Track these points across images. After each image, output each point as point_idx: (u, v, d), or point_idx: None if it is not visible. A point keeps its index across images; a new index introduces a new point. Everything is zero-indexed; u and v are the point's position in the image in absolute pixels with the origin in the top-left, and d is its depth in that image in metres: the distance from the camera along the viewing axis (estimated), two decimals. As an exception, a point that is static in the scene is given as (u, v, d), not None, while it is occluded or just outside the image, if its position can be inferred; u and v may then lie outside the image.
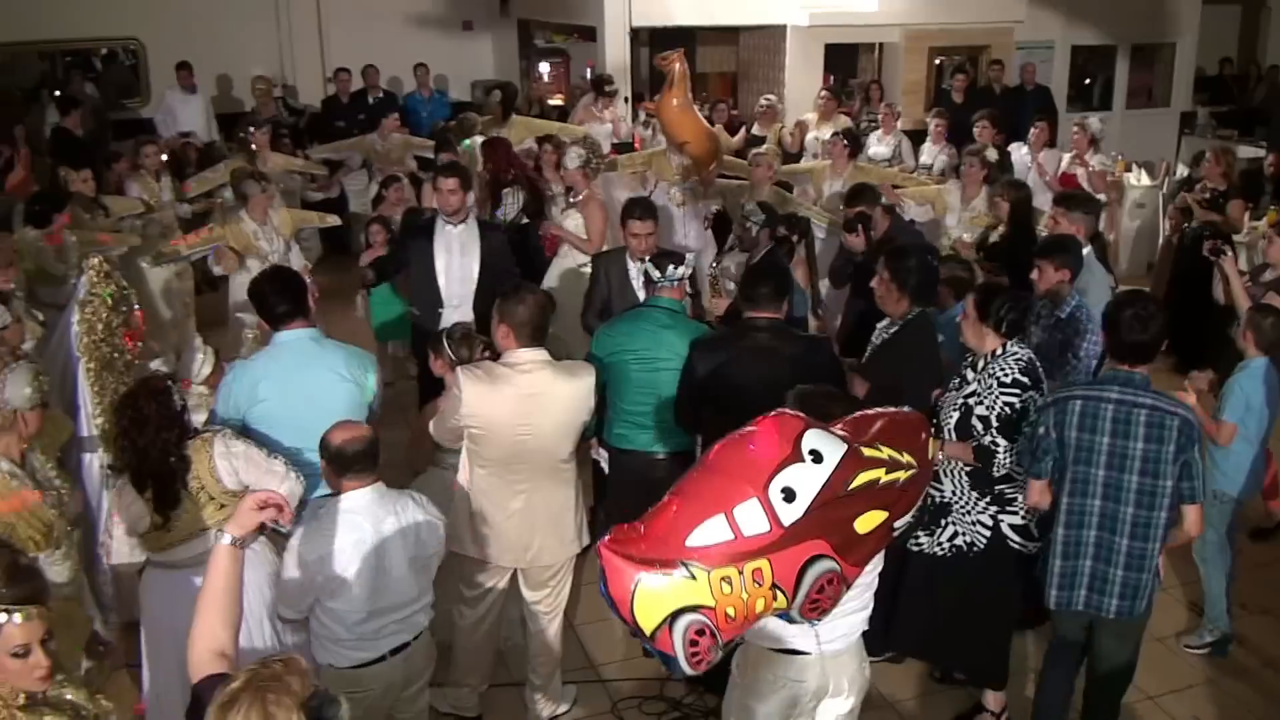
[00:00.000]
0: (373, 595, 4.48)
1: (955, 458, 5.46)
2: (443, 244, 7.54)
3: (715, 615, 3.66)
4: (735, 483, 3.79)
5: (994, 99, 14.23)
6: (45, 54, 16.86)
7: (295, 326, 5.53)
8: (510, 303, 5.25)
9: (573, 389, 5.27)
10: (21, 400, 4.68)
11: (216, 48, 16.13)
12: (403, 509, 4.60)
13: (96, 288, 6.42)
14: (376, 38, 16.31)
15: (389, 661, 4.61)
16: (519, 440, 5.20)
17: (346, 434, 4.50)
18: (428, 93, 15.31)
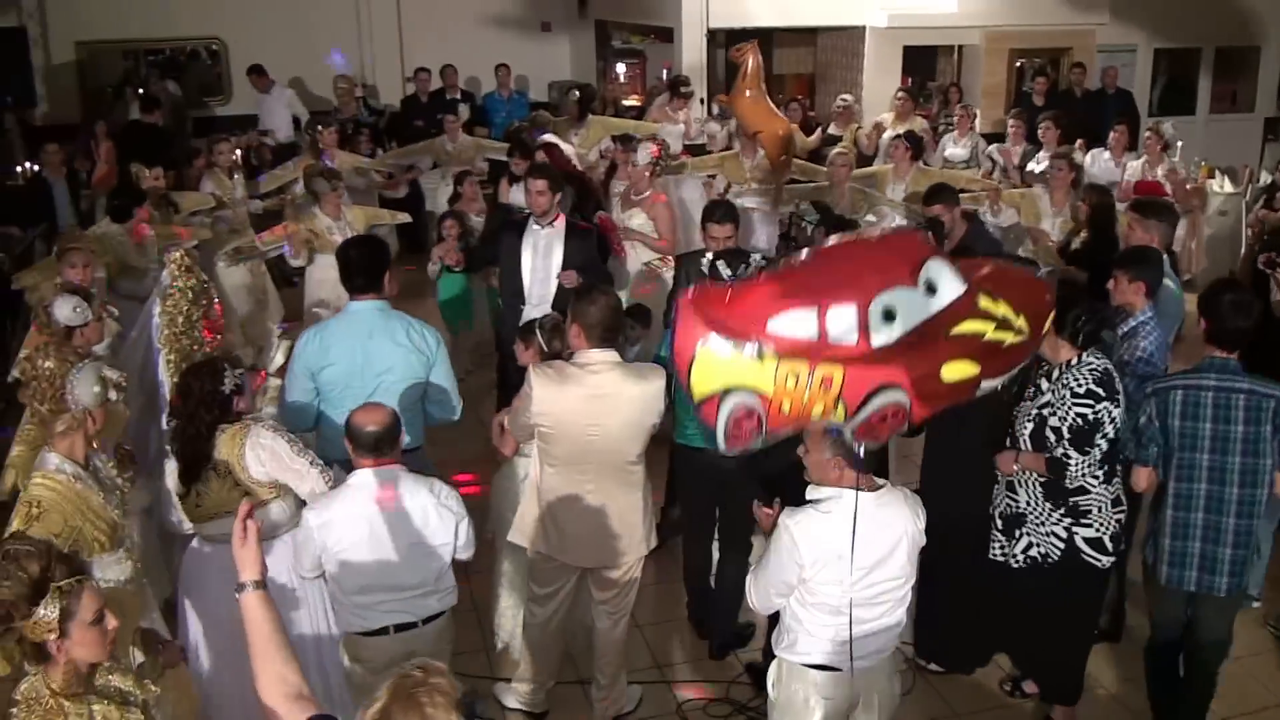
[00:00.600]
0: (366, 570, 4.62)
1: (1029, 469, 5.38)
2: (530, 243, 7.55)
3: (769, 404, 3.58)
4: (840, 284, 3.69)
5: (1074, 103, 14.06)
6: (129, 52, 17.12)
7: (367, 298, 5.78)
8: (582, 303, 5.26)
9: (641, 391, 5.24)
10: (90, 399, 4.73)
11: (297, 48, 16.39)
12: (412, 495, 4.67)
13: (178, 281, 6.53)
14: (455, 38, 16.44)
15: (391, 637, 4.72)
16: (587, 440, 5.20)
17: (365, 416, 4.65)
18: (507, 93, 15.38)
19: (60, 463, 4.66)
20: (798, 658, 4.44)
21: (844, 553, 4.22)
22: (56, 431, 4.71)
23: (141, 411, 6.64)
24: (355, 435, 4.63)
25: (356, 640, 4.78)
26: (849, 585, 4.26)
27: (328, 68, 15.63)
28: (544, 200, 7.45)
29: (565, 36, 18.10)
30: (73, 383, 4.72)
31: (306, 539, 4.68)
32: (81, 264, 7.07)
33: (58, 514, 4.50)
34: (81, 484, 4.65)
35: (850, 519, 4.19)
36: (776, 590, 4.43)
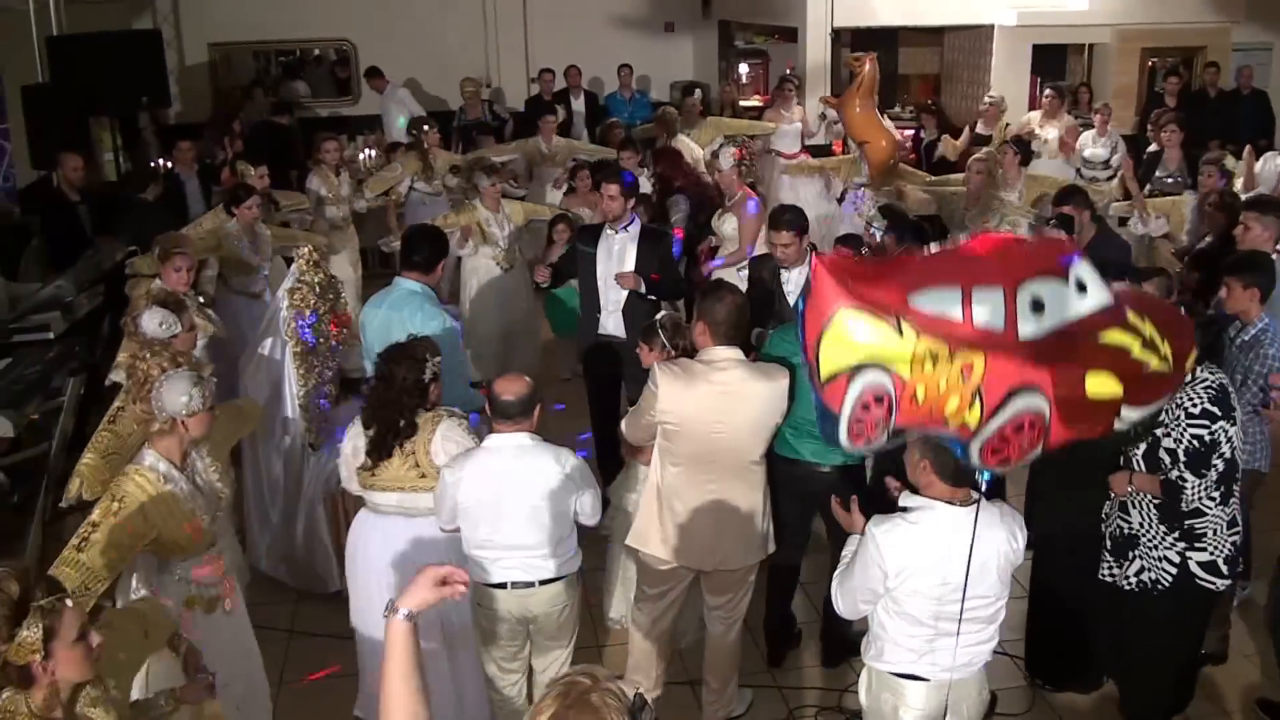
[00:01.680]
0: (486, 525, 4.94)
1: (1143, 490, 5.21)
2: (605, 249, 7.47)
3: (903, 389, 3.38)
4: (989, 266, 3.53)
5: (1208, 103, 13.69)
6: (259, 53, 17.50)
7: (411, 276, 6.45)
8: (709, 300, 5.27)
9: (767, 389, 5.22)
10: (178, 407, 4.61)
11: (425, 49, 16.58)
12: (539, 462, 4.96)
13: (305, 275, 6.66)
14: (579, 39, 16.50)
15: (509, 591, 5.04)
16: (713, 438, 5.19)
17: (505, 384, 4.96)
18: (629, 93, 15.42)
19: (155, 460, 4.67)
20: (885, 666, 4.42)
21: (929, 566, 4.16)
22: (153, 430, 4.69)
23: (268, 400, 6.78)
24: (493, 401, 4.93)
25: (481, 589, 5.06)
26: (938, 599, 4.21)
27: (454, 69, 15.76)
28: (616, 205, 7.35)
29: (688, 37, 18.07)
30: (159, 390, 4.62)
31: (443, 492, 4.98)
32: (186, 267, 7.16)
33: (139, 513, 4.52)
34: (172, 485, 4.66)
35: (937, 532, 4.16)
36: (862, 597, 4.39)
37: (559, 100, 14.86)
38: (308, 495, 6.77)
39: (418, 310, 6.22)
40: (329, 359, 6.71)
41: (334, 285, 6.88)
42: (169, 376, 4.60)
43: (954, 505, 4.17)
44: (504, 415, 4.92)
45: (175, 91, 16.06)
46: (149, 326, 5.74)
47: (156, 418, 4.62)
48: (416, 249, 6.53)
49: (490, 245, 9.44)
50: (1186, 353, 4.00)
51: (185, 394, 4.58)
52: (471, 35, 17.21)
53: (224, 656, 4.82)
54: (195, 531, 4.71)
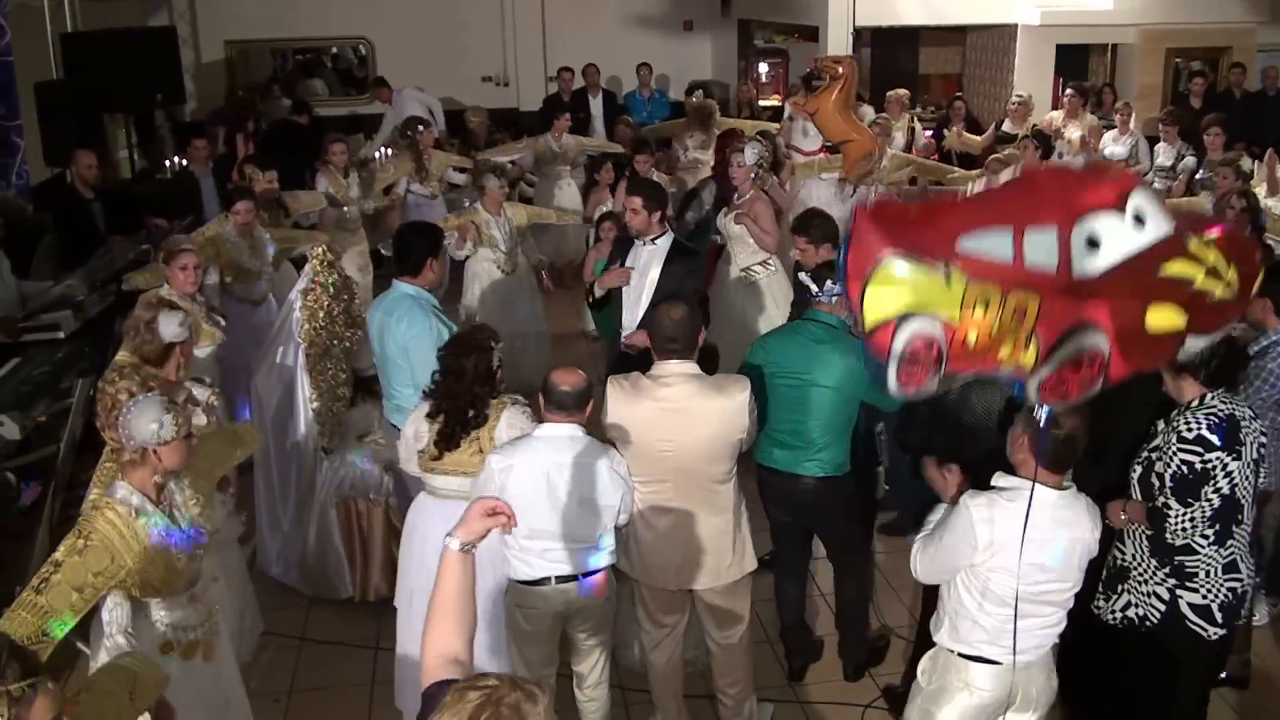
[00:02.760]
0: (535, 514, 4.73)
1: (1134, 520, 4.89)
2: (633, 260, 7.11)
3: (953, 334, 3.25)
4: (1041, 204, 3.39)
5: (1234, 105, 13.49)
6: (276, 51, 17.49)
7: (403, 280, 6.23)
8: (656, 313, 5.15)
9: (720, 405, 5.00)
10: (148, 435, 4.09)
11: (443, 48, 16.52)
12: (588, 455, 4.82)
13: (319, 276, 6.55)
14: (598, 38, 16.44)
15: (554, 587, 4.89)
16: (661, 457, 5.01)
17: (560, 375, 4.82)
18: (648, 92, 15.33)
19: (127, 493, 4.19)
20: (959, 646, 4.38)
21: (1018, 544, 4.13)
22: (124, 460, 4.22)
23: (280, 403, 6.67)
24: (548, 391, 4.80)
25: (520, 588, 4.95)
26: (1022, 579, 4.17)
27: (471, 68, 15.66)
28: (638, 219, 6.98)
29: (707, 36, 17.98)
30: (127, 417, 4.09)
31: (487, 479, 4.82)
32: (191, 265, 6.90)
33: (105, 551, 4.06)
34: (144, 519, 4.18)
35: (1031, 512, 4.12)
36: (944, 566, 4.38)
37: (577, 99, 14.80)
38: (320, 500, 6.64)
39: (405, 314, 6.07)
40: (342, 362, 6.58)
41: (348, 286, 6.76)
42: (137, 402, 4.11)
43: (1048, 488, 4.19)
44: (559, 406, 4.79)
45: (192, 89, 16.13)
46: (169, 330, 5.37)
47: (125, 447, 4.15)
48: (401, 250, 6.38)
49: (491, 248, 9.22)
50: (1253, 276, 3.81)
51: (155, 421, 4.09)
52: (489, 33, 17.19)
53: (201, 710, 4.47)
54: (171, 570, 4.26)
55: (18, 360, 6.51)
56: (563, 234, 12.13)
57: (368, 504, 6.63)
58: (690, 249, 7.35)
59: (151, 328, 5.32)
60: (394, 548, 6.62)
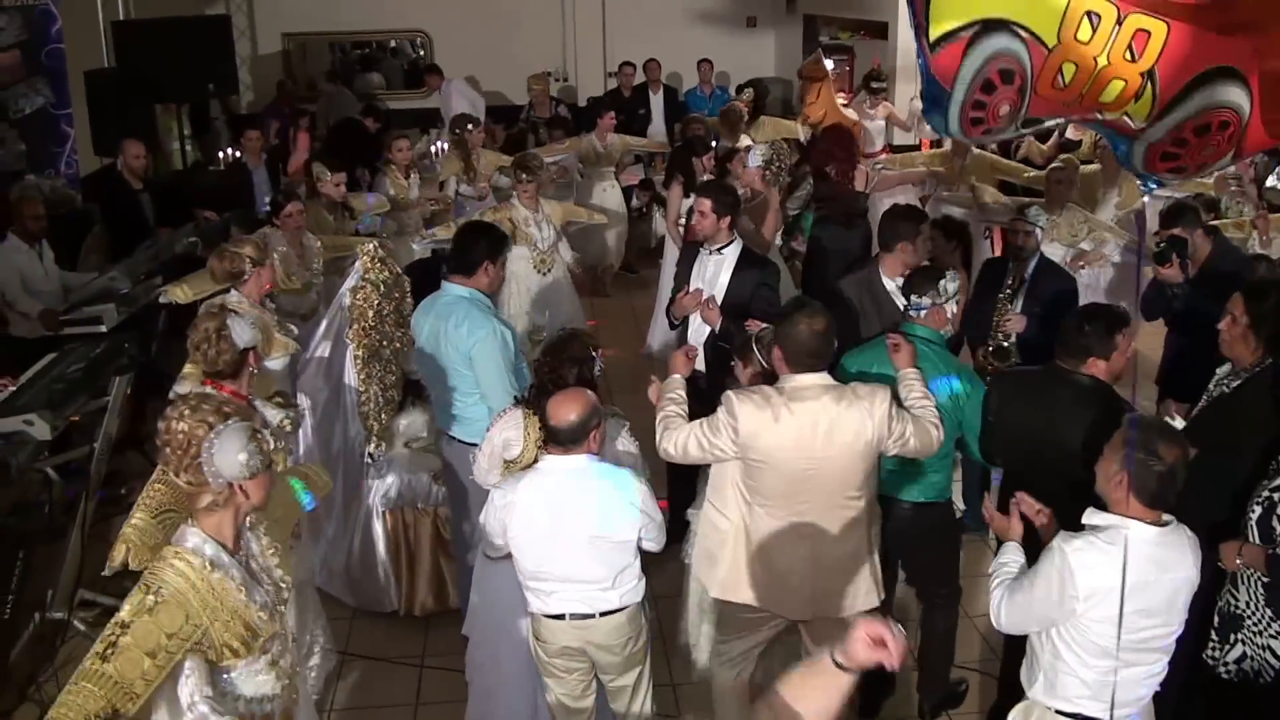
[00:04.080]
0: (539, 556, 4.49)
1: (1251, 565, 4.45)
2: (698, 270, 6.69)
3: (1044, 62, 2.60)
4: None
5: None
6: (334, 44, 17.34)
7: (455, 280, 5.75)
8: (785, 325, 4.66)
9: (860, 414, 4.56)
10: (235, 469, 3.51)
11: (502, 41, 16.27)
12: (598, 488, 4.46)
13: (370, 274, 6.22)
14: (659, 33, 16.09)
15: (568, 623, 4.58)
16: (804, 475, 4.59)
17: (559, 405, 4.44)
18: (709, 89, 14.92)
19: (201, 541, 3.59)
20: (1057, 702, 3.94)
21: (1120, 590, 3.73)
22: (200, 508, 3.60)
23: (326, 406, 6.37)
24: (545, 425, 4.49)
25: (537, 619, 4.67)
26: (1127, 628, 3.76)
27: (529, 63, 15.38)
28: (706, 224, 6.54)
29: (771, 32, 17.58)
30: (211, 451, 3.48)
31: (491, 514, 4.58)
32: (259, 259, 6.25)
33: (179, 609, 3.46)
34: (220, 573, 3.58)
35: (1133, 554, 3.72)
36: (1036, 617, 3.95)
37: (638, 95, 14.51)
38: (366, 508, 6.36)
39: (464, 319, 5.60)
40: (391, 364, 6.25)
41: (400, 283, 6.43)
42: (220, 434, 3.50)
43: (1147, 525, 3.78)
44: (556, 442, 4.45)
45: (248, 81, 16.08)
46: (243, 335, 4.76)
47: (212, 487, 3.53)
48: (458, 248, 5.91)
49: (528, 246, 8.85)
50: None
51: (243, 451, 3.50)
52: (548, 28, 16.89)
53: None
54: (250, 631, 3.66)
55: (53, 356, 6.19)
56: (596, 235, 11.83)
57: (415, 514, 6.34)
58: (761, 258, 6.87)
59: (224, 335, 4.73)
60: (442, 560, 6.35)
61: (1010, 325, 6.65)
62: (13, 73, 10.70)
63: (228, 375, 4.77)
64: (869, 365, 5.23)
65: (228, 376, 4.77)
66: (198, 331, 4.77)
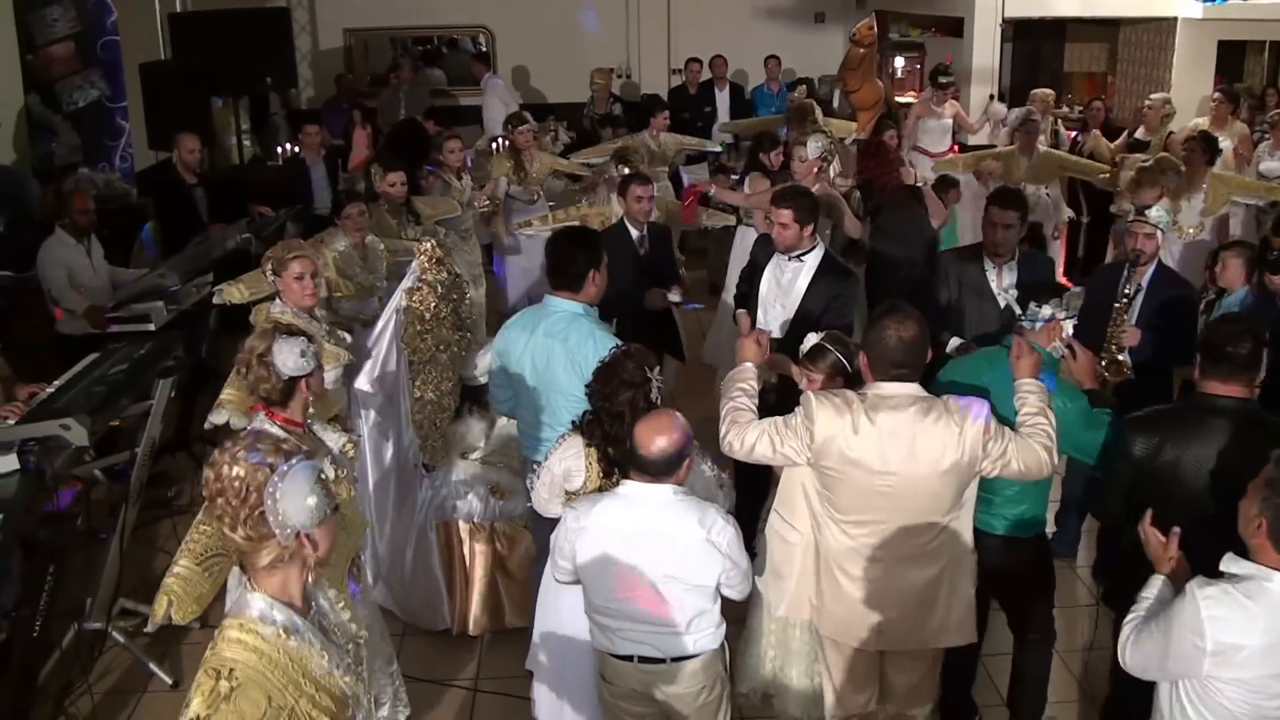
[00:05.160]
0: (610, 592, 4.12)
1: None
2: (774, 273, 6.32)
3: None
4: None
5: None
6: (396, 40, 17.14)
7: (560, 295, 5.30)
8: (873, 330, 4.28)
9: (953, 429, 4.15)
10: (305, 516, 2.95)
11: (564, 38, 16.11)
12: (679, 523, 4.06)
13: (427, 274, 5.89)
14: (724, 29, 15.81)
15: (635, 665, 4.19)
16: (881, 491, 4.20)
17: (647, 433, 4.06)
18: (776, 86, 14.58)
19: (268, 608, 3.01)
20: None
21: (1261, 651, 3.31)
22: (260, 566, 3.02)
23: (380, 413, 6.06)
24: (633, 452, 4.11)
25: (603, 657, 4.29)
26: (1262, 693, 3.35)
27: (592, 60, 15.11)
28: (789, 235, 6.13)
29: (840, 28, 17.17)
30: (276, 497, 2.93)
31: (563, 537, 4.21)
32: (309, 273, 5.89)
33: (258, 690, 2.90)
34: (297, 640, 3.04)
35: (1274, 610, 3.29)
36: (1162, 667, 3.56)
37: (703, 92, 14.18)
38: (419, 521, 6.03)
39: (587, 337, 5.11)
40: (448, 370, 5.93)
41: (458, 285, 6.12)
42: (284, 475, 2.94)
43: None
44: (641, 470, 4.08)
45: (309, 77, 16.05)
46: (289, 363, 4.24)
47: (281, 541, 2.97)
48: (557, 263, 5.32)
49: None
50: None
51: (311, 494, 2.95)
52: (612, 24, 16.67)
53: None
54: (337, 701, 3.13)
55: (95, 356, 5.92)
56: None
57: (471, 528, 6.00)
58: (842, 267, 6.45)
59: (266, 362, 4.24)
60: (498, 578, 6.04)
61: (1126, 339, 6.17)
62: (67, 65, 10.63)
63: (276, 403, 4.29)
64: (963, 376, 4.80)
65: (276, 403, 4.29)
66: (242, 352, 4.30)
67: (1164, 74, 13.94)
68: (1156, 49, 14.22)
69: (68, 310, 7.62)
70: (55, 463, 5.07)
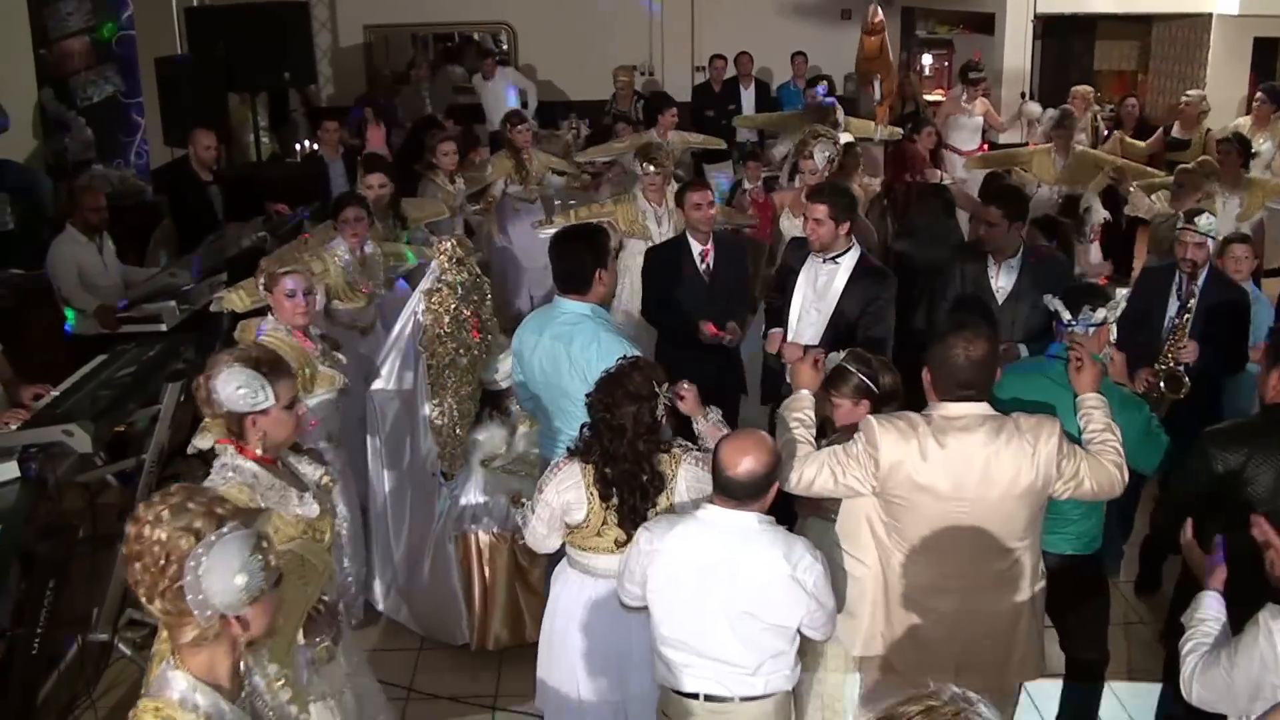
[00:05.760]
0: (679, 621, 3.86)
1: None
2: (808, 277, 6.06)
3: None
4: None
5: None
6: (417, 36, 17.00)
7: (570, 298, 5.08)
8: (937, 345, 4.03)
9: (1026, 451, 3.89)
10: (230, 597, 2.51)
11: (587, 34, 15.89)
12: (764, 555, 3.76)
13: (446, 274, 5.68)
14: (749, 26, 15.59)
15: (702, 703, 3.90)
16: (954, 517, 3.94)
17: (733, 453, 3.74)
18: (803, 83, 14.31)
19: (190, 690, 2.59)
20: None
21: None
22: (183, 642, 2.60)
23: (396, 419, 5.85)
24: (716, 470, 3.80)
25: (666, 694, 4.02)
26: None
27: (615, 57, 14.88)
28: (824, 232, 5.86)
29: (867, 26, 16.98)
30: (198, 573, 2.50)
31: (634, 560, 3.94)
32: (301, 288, 5.51)
33: None
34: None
35: None
36: (1234, 702, 3.33)
37: (728, 90, 13.94)
38: (437, 532, 5.81)
39: (592, 340, 4.90)
40: (468, 374, 5.70)
41: (480, 286, 5.90)
42: (211, 547, 2.51)
43: None
44: (726, 494, 3.78)
45: (329, 74, 15.89)
46: (224, 392, 3.74)
47: (198, 620, 2.54)
48: (560, 264, 5.16)
49: (645, 241, 7.97)
50: None
51: (241, 571, 2.51)
52: (635, 20, 16.42)
53: None
54: None
55: (102, 359, 5.69)
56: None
57: (491, 539, 5.75)
58: (879, 270, 6.17)
59: (211, 387, 3.76)
60: (519, 591, 5.80)
61: (1185, 354, 5.89)
62: (81, 59, 10.45)
63: (237, 434, 3.84)
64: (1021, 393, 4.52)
65: (237, 434, 3.84)
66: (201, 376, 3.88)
67: (1199, 71, 13.69)
68: (1191, 46, 13.96)
69: (79, 310, 7.43)
70: (58, 470, 4.85)
